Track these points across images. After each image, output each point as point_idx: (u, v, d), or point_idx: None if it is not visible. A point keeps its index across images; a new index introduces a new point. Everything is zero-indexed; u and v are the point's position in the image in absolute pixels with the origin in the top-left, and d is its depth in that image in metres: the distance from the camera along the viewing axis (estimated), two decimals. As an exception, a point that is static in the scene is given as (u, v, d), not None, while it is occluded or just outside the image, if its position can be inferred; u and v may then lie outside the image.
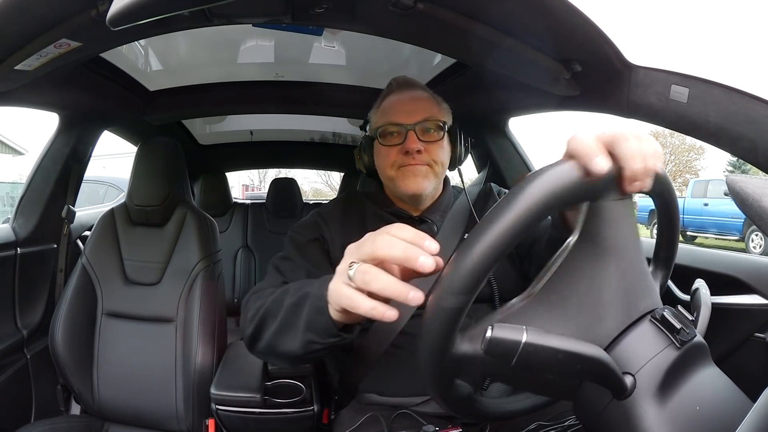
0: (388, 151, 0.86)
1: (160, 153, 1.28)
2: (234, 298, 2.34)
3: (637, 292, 0.41)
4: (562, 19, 0.65)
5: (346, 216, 0.91)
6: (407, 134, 0.84)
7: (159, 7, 0.54)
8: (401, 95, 0.90)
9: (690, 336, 0.38)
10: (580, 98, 0.87)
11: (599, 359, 0.36)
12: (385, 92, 0.93)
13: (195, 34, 1.01)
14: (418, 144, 0.83)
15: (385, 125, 0.86)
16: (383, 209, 0.91)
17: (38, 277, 1.29)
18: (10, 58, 0.76)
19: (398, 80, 0.93)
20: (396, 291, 0.43)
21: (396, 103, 0.88)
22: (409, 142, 0.83)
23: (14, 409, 1.15)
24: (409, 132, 0.84)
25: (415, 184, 0.84)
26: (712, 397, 0.38)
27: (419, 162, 0.84)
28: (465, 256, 0.36)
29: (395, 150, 0.85)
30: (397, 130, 0.85)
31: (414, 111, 0.86)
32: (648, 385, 0.37)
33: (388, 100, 0.90)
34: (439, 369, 0.40)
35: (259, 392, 1.03)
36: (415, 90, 0.91)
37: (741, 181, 0.37)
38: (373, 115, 0.92)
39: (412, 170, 0.84)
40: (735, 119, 0.59)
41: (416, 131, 0.84)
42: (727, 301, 0.80)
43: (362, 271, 0.45)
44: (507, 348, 0.34)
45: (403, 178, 0.85)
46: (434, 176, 0.86)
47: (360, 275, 0.45)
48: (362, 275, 0.45)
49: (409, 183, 0.84)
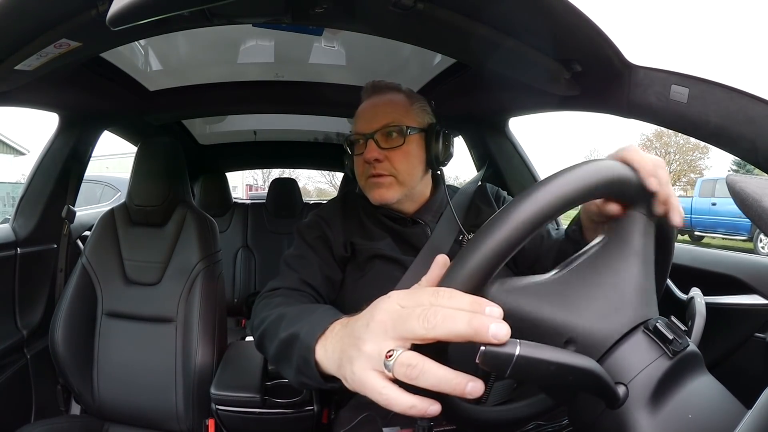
0: (357, 160, 0.87)
1: (160, 153, 1.28)
2: (234, 298, 2.34)
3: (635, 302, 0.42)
4: (562, 19, 0.65)
5: (345, 214, 0.91)
6: (367, 143, 0.84)
7: (159, 7, 0.54)
8: (368, 101, 0.89)
9: (682, 346, 0.39)
10: (580, 98, 0.87)
11: (591, 370, 0.37)
12: (362, 98, 0.93)
13: (195, 34, 1.02)
14: (375, 153, 0.82)
15: (351, 134, 0.87)
16: (377, 210, 0.91)
17: (38, 277, 1.29)
18: (10, 58, 0.76)
19: (368, 85, 0.91)
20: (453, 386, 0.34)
21: (361, 111, 0.88)
22: (366, 152, 0.83)
23: (14, 409, 1.15)
24: (369, 141, 0.83)
25: (379, 196, 0.84)
26: (705, 406, 0.38)
27: (382, 171, 0.83)
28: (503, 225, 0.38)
29: (361, 160, 0.85)
30: (360, 138, 0.85)
31: (374, 118, 0.85)
32: (640, 394, 0.38)
33: (360, 107, 0.90)
34: None
35: (259, 392, 1.03)
36: (382, 94, 0.89)
37: (741, 181, 0.37)
38: (354, 120, 0.92)
39: (375, 182, 0.84)
40: (735, 119, 0.59)
41: (376, 139, 0.83)
42: (727, 301, 0.80)
43: (406, 363, 0.35)
44: (501, 361, 0.35)
45: (371, 190, 0.85)
46: (399, 185, 0.85)
47: (403, 369, 0.35)
48: (407, 369, 0.35)
49: (374, 194, 0.85)
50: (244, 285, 2.37)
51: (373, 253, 0.85)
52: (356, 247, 0.86)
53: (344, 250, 0.87)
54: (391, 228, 0.89)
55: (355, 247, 0.87)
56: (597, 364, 0.38)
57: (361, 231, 0.88)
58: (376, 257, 0.85)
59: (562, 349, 0.38)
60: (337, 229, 0.88)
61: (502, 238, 0.38)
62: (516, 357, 0.34)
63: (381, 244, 0.86)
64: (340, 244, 0.86)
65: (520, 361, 0.35)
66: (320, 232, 0.88)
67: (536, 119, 17.88)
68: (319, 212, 0.93)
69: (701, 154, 17.37)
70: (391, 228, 0.89)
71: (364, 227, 0.89)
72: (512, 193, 1.21)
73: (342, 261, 0.88)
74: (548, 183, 0.39)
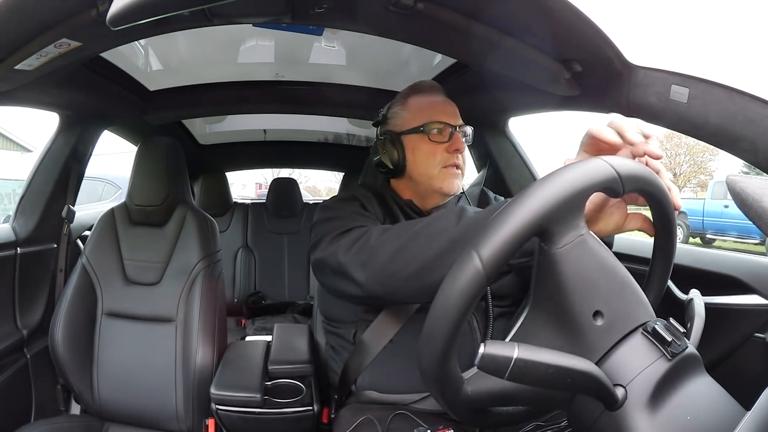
0: (434, 148, 0.87)
1: (160, 153, 1.28)
2: (234, 298, 2.34)
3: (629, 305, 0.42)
4: (562, 19, 0.65)
5: (378, 200, 0.91)
6: (453, 134, 0.88)
7: (159, 7, 0.54)
8: (437, 97, 0.92)
9: (681, 348, 0.39)
10: (580, 98, 0.87)
11: (589, 373, 0.37)
12: (408, 92, 0.95)
13: (195, 34, 1.02)
14: (463, 144, 0.88)
15: (430, 123, 0.88)
16: (394, 200, 0.92)
17: (38, 277, 1.29)
18: (10, 58, 0.76)
19: (430, 83, 0.96)
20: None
21: (437, 104, 0.91)
22: (456, 142, 0.87)
23: (14, 409, 1.15)
24: (455, 132, 0.88)
25: (455, 185, 0.88)
26: (704, 407, 0.38)
27: (460, 163, 0.88)
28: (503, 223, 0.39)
29: (441, 148, 0.87)
30: (443, 128, 0.88)
31: (454, 114, 0.90)
32: (639, 396, 0.38)
33: (421, 99, 0.92)
34: (442, 370, 0.41)
35: (259, 392, 1.03)
36: (443, 94, 0.94)
37: (741, 182, 0.37)
38: (401, 111, 0.93)
39: (454, 173, 0.88)
40: (735, 119, 0.59)
41: (459, 133, 0.88)
42: (728, 302, 0.80)
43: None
44: (499, 363, 0.35)
45: (444, 178, 0.88)
46: (462, 178, 0.91)
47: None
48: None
49: (451, 183, 0.88)
50: (244, 285, 2.37)
51: None
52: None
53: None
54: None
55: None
56: (595, 366, 0.38)
57: (393, 218, 0.90)
58: None
59: (560, 352, 0.38)
60: (375, 209, 0.88)
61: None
62: (514, 360, 0.35)
63: None
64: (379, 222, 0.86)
65: (519, 363, 0.35)
66: (360, 206, 0.87)
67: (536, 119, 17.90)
68: (354, 191, 0.93)
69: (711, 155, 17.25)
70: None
71: (395, 215, 0.91)
72: (512, 193, 1.21)
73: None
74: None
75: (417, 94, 0.93)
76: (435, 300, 0.40)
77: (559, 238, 0.41)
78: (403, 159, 0.90)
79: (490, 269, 0.38)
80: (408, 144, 0.90)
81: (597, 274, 0.42)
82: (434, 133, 0.87)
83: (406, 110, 0.92)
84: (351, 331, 0.87)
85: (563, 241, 0.41)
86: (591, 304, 0.41)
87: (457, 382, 0.43)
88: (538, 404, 0.49)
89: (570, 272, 0.42)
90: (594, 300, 0.41)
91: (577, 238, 0.42)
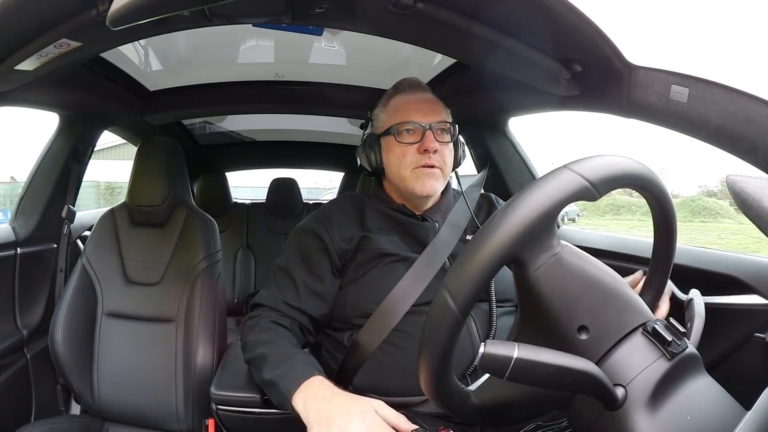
0: (404, 149, 0.87)
1: (160, 153, 1.28)
2: (234, 298, 2.33)
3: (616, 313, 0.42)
4: (562, 19, 0.65)
5: (349, 212, 0.92)
6: (425, 133, 0.85)
7: (159, 7, 0.54)
8: (414, 95, 0.91)
9: (681, 348, 0.39)
10: (580, 98, 0.87)
11: (589, 372, 0.37)
12: (391, 92, 0.94)
13: (195, 34, 1.01)
14: (435, 143, 0.85)
15: (401, 123, 0.87)
16: (386, 205, 0.92)
17: (38, 277, 1.29)
18: (10, 58, 0.76)
19: (409, 81, 0.94)
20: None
21: (411, 103, 0.89)
22: (427, 141, 0.85)
23: (14, 409, 1.15)
24: (426, 131, 0.85)
25: (429, 186, 0.86)
26: (704, 407, 0.38)
27: (434, 163, 0.86)
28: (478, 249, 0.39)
29: (411, 149, 0.86)
30: (415, 128, 0.86)
31: (429, 111, 0.88)
32: (639, 396, 0.38)
33: (399, 99, 0.91)
34: (439, 372, 0.41)
35: (259, 392, 1.03)
36: (426, 92, 0.92)
37: (741, 181, 0.37)
38: (381, 113, 0.92)
39: (426, 173, 0.86)
40: (735, 119, 0.59)
41: (433, 131, 0.86)
42: (727, 301, 0.80)
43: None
44: (500, 363, 0.35)
45: (417, 179, 0.86)
46: (443, 178, 0.88)
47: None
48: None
49: (423, 185, 0.86)
50: (244, 285, 2.37)
51: (378, 250, 0.86)
52: (361, 244, 0.87)
53: (347, 246, 0.87)
54: (402, 223, 0.90)
55: (359, 244, 0.87)
56: (595, 366, 0.38)
57: (367, 228, 0.89)
58: (381, 254, 0.85)
59: (560, 352, 0.38)
60: (340, 227, 0.88)
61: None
62: (514, 359, 0.35)
63: (387, 242, 0.87)
64: (341, 242, 0.86)
65: (519, 363, 0.35)
66: (316, 239, 0.88)
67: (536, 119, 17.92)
68: (319, 213, 0.93)
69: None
70: (402, 223, 0.90)
71: (370, 224, 0.90)
72: (512, 192, 1.21)
73: (343, 259, 0.88)
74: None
75: (398, 93, 0.93)
76: (420, 341, 0.42)
77: (531, 262, 0.42)
78: (381, 161, 0.90)
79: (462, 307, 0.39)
80: (384, 146, 0.90)
81: (578, 289, 0.42)
82: (405, 134, 0.87)
83: (385, 111, 0.92)
84: (344, 335, 0.87)
85: (536, 265, 0.42)
86: (574, 320, 0.41)
87: (462, 396, 0.43)
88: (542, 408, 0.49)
89: (549, 292, 0.42)
90: (577, 315, 0.41)
91: (551, 259, 0.42)
